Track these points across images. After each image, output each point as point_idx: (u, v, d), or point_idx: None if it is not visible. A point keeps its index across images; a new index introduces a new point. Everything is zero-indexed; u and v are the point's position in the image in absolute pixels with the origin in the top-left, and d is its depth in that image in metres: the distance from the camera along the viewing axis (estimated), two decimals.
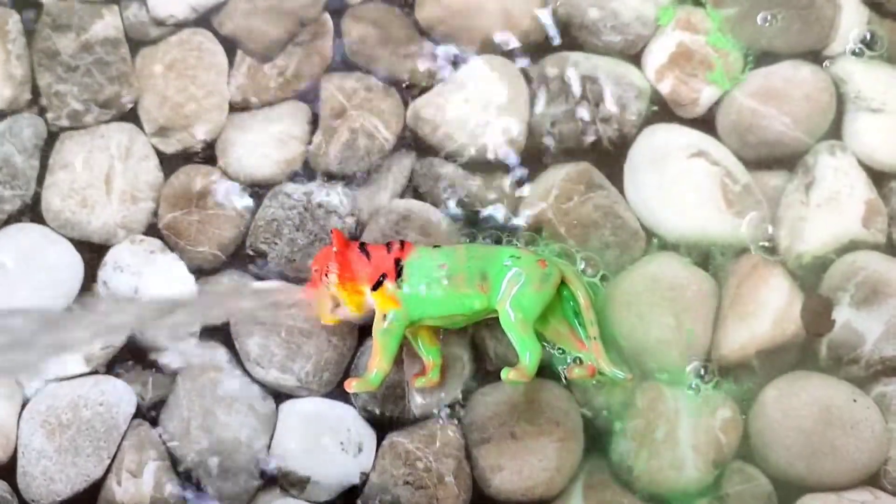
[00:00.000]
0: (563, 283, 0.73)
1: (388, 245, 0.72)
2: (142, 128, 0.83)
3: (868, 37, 0.81)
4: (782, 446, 0.74)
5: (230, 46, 0.85)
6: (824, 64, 0.82)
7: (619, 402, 0.75)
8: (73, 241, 0.80)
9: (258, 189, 0.81)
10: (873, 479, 0.74)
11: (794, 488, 0.74)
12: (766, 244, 0.79)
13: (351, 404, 0.76)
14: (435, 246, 0.73)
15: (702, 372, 0.75)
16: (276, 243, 0.79)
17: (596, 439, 0.75)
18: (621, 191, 0.80)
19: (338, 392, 0.76)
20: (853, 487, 0.73)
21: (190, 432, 0.75)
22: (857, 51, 0.83)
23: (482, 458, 0.74)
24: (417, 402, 0.76)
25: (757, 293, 0.77)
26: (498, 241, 0.79)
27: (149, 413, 0.76)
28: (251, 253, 0.80)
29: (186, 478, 0.75)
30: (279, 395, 0.76)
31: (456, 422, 0.75)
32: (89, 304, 0.77)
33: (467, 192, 0.80)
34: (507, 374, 0.71)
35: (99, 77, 0.84)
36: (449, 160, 0.81)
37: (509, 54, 0.84)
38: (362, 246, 0.72)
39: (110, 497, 0.74)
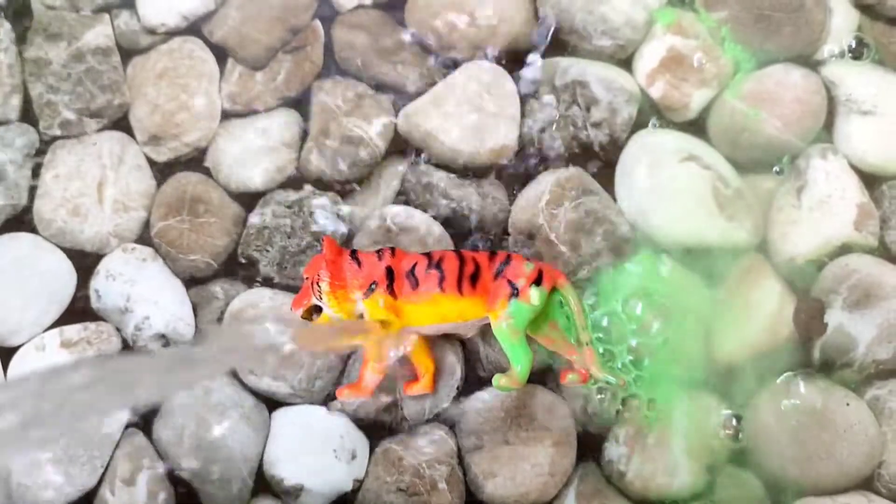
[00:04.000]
0: (555, 288, 0.73)
1: (379, 252, 0.72)
2: (133, 136, 0.83)
3: (853, 45, 0.81)
4: (775, 450, 0.74)
5: (221, 54, 0.85)
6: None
7: (611, 407, 0.75)
8: (65, 249, 0.80)
9: (250, 196, 0.81)
10: (867, 483, 0.74)
11: (787, 492, 0.74)
12: (758, 248, 0.79)
13: (344, 412, 0.76)
14: (425, 254, 0.73)
15: (695, 375, 0.76)
16: (267, 251, 0.79)
17: (589, 445, 0.75)
18: (613, 196, 0.80)
19: (331, 400, 0.76)
20: (847, 491, 0.73)
21: (183, 440, 0.75)
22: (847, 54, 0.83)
23: (475, 465, 0.74)
24: (410, 409, 0.75)
25: (749, 297, 0.77)
26: (489, 248, 0.78)
27: (142, 422, 0.76)
28: (243, 261, 0.80)
29: (180, 486, 0.75)
30: (272, 403, 0.76)
31: (448, 428, 0.75)
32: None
33: (458, 198, 0.80)
34: (498, 380, 0.71)
35: (90, 86, 0.84)
36: (440, 167, 0.81)
37: (500, 60, 0.84)
38: (353, 253, 0.72)
39: None
